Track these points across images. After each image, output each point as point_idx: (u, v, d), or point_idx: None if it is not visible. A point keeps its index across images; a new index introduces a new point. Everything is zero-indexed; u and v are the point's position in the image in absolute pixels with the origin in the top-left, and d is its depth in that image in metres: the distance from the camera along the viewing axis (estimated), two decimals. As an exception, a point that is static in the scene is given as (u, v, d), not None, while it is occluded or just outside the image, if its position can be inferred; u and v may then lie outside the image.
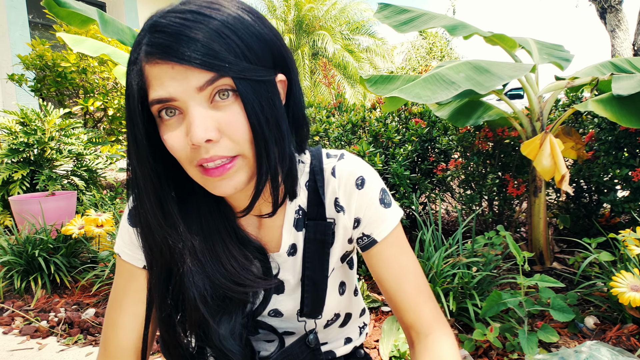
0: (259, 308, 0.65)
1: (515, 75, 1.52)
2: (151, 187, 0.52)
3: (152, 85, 0.47)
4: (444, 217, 2.93)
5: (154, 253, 0.56)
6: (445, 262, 1.57)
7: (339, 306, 0.71)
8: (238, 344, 0.59)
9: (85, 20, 2.11)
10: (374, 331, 1.52)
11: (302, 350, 0.64)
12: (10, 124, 3.08)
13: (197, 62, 0.45)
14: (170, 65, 0.46)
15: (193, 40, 0.45)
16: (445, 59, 17.07)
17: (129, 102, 0.49)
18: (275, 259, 0.64)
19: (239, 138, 0.49)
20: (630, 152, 1.87)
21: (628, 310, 1.34)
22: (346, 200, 0.63)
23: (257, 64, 0.49)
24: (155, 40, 0.46)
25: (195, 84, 0.46)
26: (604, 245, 1.83)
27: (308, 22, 12.90)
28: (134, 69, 0.48)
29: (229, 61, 0.46)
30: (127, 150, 0.53)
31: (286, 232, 0.63)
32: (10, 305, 1.87)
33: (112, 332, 0.61)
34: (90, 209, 2.31)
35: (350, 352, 0.79)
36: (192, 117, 0.46)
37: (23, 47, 5.37)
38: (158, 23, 0.47)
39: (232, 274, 0.57)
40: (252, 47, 0.48)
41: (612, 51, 5.85)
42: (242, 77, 0.47)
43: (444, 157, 2.40)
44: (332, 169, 0.63)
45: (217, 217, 0.60)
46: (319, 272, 0.64)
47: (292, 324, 0.68)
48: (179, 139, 0.49)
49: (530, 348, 1.17)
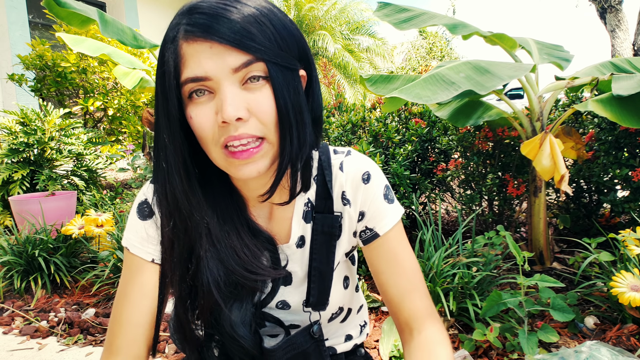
0: (266, 298, 0.66)
1: (515, 75, 1.52)
2: (182, 162, 0.54)
3: (188, 64, 0.49)
4: (444, 217, 2.93)
5: (178, 230, 0.57)
6: (445, 262, 1.57)
7: (343, 300, 0.72)
8: (248, 331, 0.60)
9: (85, 20, 2.12)
10: (374, 331, 1.52)
11: (307, 340, 0.65)
12: (10, 124, 3.08)
13: (236, 42, 0.47)
14: (209, 43, 0.48)
15: (233, 22, 0.48)
16: (445, 59, 17.07)
17: (165, 79, 0.51)
18: (284, 251, 0.66)
19: (266, 120, 0.51)
20: (630, 152, 1.87)
21: (628, 310, 1.34)
22: (353, 193, 0.65)
23: (288, 53, 0.52)
24: (195, 20, 0.48)
25: (232, 64, 0.48)
26: (604, 245, 1.83)
27: (308, 22, 12.90)
28: (171, 47, 0.50)
29: (265, 45, 0.49)
30: (155, 126, 0.54)
31: (295, 224, 0.65)
32: (10, 305, 1.87)
33: (119, 326, 0.61)
34: (90, 209, 2.31)
35: (350, 349, 0.80)
36: (225, 95, 0.49)
37: (23, 47, 5.37)
38: (198, 5, 0.49)
39: (245, 261, 0.58)
40: (284, 37, 0.51)
41: (612, 51, 5.85)
42: (275, 62, 0.50)
43: (444, 157, 2.40)
44: (340, 164, 0.65)
45: (231, 207, 0.62)
46: (326, 263, 0.66)
47: (299, 316, 0.69)
48: (208, 117, 0.50)
49: (530, 348, 1.17)
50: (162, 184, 0.55)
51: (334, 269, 0.67)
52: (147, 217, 0.63)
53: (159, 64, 0.52)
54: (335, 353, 0.77)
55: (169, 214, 0.57)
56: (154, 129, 0.55)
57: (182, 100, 0.52)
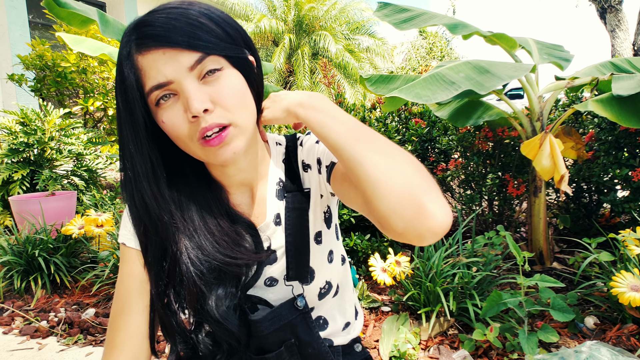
0: (250, 281, 0.68)
1: (516, 75, 1.52)
2: (150, 169, 0.58)
3: (148, 74, 0.54)
4: (444, 217, 2.93)
5: (149, 233, 0.60)
6: (445, 262, 1.57)
7: (329, 274, 0.73)
8: (233, 314, 0.62)
9: (85, 20, 2.11)
10: (374, 331, 1.52)
11: (291, 312, 0.66)
12: (10, 124, 3.08)
13: (186, 44, 0.52)
14: (162, 50, 0.52)
15: (178, 28, 0.53)
16: (445, 59, 17.06)
17: (128, 93, 0.55)
18: (264, 231, 0.69)
19: (229, 105, 0.56)
20: (630, 152, 1.87)
21: (628, 310, 1.34)
22: (309, 157, 0.70)
23: (234, 44, 0.58)
24: (145, 32, 0.53)
25: (187, 64, 0.53)
26: (604, 245, 1.83)
27: (308, 22, 12.89)
28: (128, 63, 0.54)
29: (211, 42, 0.54)
30: (120, 140, 0.58)
31: (270, 202, 0.69)
32: (10, 305, 1.87)
33: (120, 318, 0.62)
34: (90, 209, 2.31)
35: (347, 343, 0.80)
36: (188, 92, 0.53)
37: (23, 47, 5.37)
38: (144, 20, 0.54)
39: (226, 248, 0.61)
40: (227, 32, 0.57)
41: (612, 51, 5.85)
42: (225, 54, 0.56)
43: (444, 157, 2.40)
44: (300, 142, 0.72)
45: (210, 198, 0.65)
46: (300, 237, 0.69)
47: (285, 293, 0.70)
48: (179, 117, 0.55)
49: (530, 348, 1.17)
50: (130, 192, 0.59)
51: (310, 241, 0.70)
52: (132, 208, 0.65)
53: (118, 80, 0.56)
54: (332, 345, 0.77)
55: (138, 218, 0.60)
56: (118, 143, 0.60)
57: (148, 110, 0.56)
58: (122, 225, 0.67)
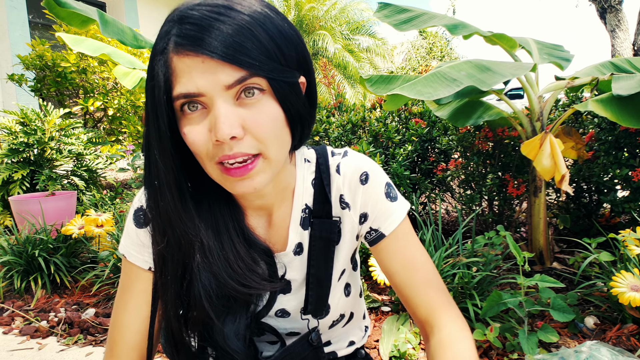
0: (262, 310, 0.65)
1: (517, 73, 1.52)
2: (173, 179, 0.52)
3: (180, 79, 0.46)
4: (444, 217, 2.93)
5: (172, 248, 0.55)
6: (445, 262, 1.57)
7: (344, 307, 0.71)
8: (242, 344, 0.58)
9: (85, 20, 2.11)
10: (374, 331, 1.52)
11: (305, 349, 0.63)
12: (10, 124, 3.08)
13: (229, 58, 0.44)
14: (201, 58, 0.45)
15: (226, 35, 0.44)
16: (445, 59, 17.06)
17: (154, 93, 0.48)
18: (281, 259, 0.64)
19: (262, 135, 0.48)
20: (630, 152, 1.87)
21: (628, 310, 1.34)
22: (351, 196, 0.63)
23: (285, 65, 0.49)
24: (185, 31, 0.45)
25: (225, 82, 0.45)
26: (604, 245, 1.83)
27: (308, 22, 12.90)
28: (161, 59, 0.47)
29: (260, 60, 0.46)
30: (145, 143, 0.52)
31: (293, 231, 0.64)
32: (10, 305, 1.87)
33: (118, 332, 0.61)
34: (90, 209, 2.31)
35: (351, 352, 0.79)
36: (219, 113, 0.46)
37: (23, 47, 5.37)
38: (188, 14, 0.46)
39: (239, 274, 0.56)
40: (281, 48, 0.48)
41: (612, 51, 5.85)
42: (272, 77, 0.47)
43: (444, 157, 2.40)
44: (336, 166, 0.64)
45: (227, 217, 0.59)
46: (324, 269, 0.64)
47: (298, 324, 0.68)
48: (201, 134, 0.48)
49: (530, 348, 1.17)
50: (155, 200, 0.53)
51: (332, 275, 0.65)
52: (142, 225, 0.62)
53: (148, 77, 0.49)
54: (336, 357, 0.77)
55: (162, 230, 0.55)
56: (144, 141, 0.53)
57: (173, 114, 0.50)
58: (124, 235, 0.63)
